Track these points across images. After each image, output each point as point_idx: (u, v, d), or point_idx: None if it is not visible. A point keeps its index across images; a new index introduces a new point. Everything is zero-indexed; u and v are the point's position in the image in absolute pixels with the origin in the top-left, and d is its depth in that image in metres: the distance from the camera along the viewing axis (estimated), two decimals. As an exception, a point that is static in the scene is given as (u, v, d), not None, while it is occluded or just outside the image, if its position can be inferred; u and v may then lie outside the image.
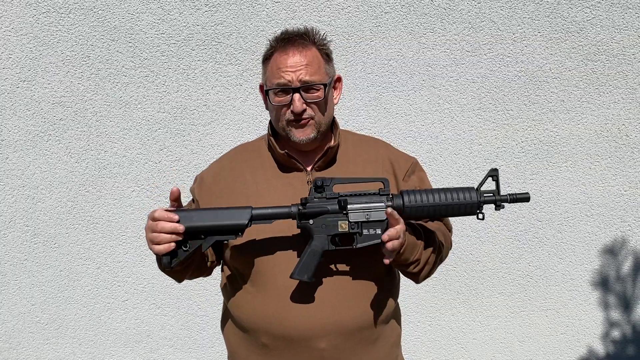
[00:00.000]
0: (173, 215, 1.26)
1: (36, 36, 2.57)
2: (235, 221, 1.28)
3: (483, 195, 1.33)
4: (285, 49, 1.36)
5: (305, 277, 1.29)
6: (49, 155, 2.66)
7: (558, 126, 2.71)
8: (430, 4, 2.61)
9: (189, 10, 2.58)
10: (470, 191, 1.32)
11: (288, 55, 1.35)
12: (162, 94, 2.64)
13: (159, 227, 1.25)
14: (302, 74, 1.35)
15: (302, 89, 1.35)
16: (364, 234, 1.30)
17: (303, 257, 1.30)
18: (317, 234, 1.30)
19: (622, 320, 2.90)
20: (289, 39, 1.38)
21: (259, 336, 1.39)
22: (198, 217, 1.28)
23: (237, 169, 1.47)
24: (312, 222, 1.30)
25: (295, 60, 1.35)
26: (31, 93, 2.61)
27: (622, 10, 2.62)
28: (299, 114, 1.36)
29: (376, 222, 1.29)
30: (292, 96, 1.35)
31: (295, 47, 1.36)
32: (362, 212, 1.29)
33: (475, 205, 1.32)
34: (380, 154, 1.49)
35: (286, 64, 1.35)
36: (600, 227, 2.79)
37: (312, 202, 1.30)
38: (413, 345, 2.89)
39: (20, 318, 2.79)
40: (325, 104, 1.40)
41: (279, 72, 1.36)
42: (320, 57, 1.39)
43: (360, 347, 1.39)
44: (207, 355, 2.87)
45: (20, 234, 2.71)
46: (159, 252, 1.27)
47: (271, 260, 1.37)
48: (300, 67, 1.35)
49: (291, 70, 1.34)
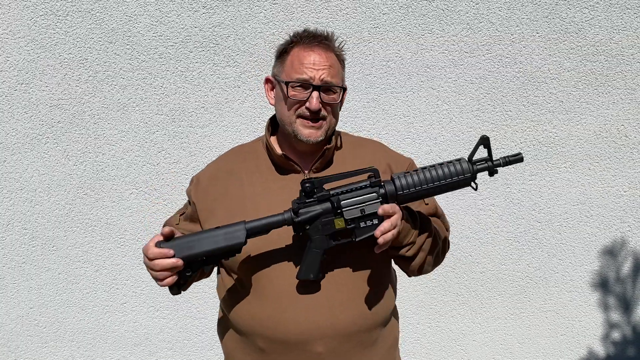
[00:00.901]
0: (167, 250, 1.26)
1: (34, 39, 2.56)
2: (233, 242, 1.28)
3: (476, 164, 1.30)
4: (311, 46, 1.37)
5: (311, 275, 1.29)
6: (46, 157, 2.65)
7: (557, 127, 2.71)
8: (428, 5, 2.61)
9: (187, 12, 2.58)
10: (462, 162, 1.29)
11: (314, 52, 1.36)
12: (160, 96, 2.63)
13: (157, 266, 1.26)
14: (324, 74, 1.35)
15: (321, 89, 1.36)
16: (362, 227, 1.29)
17: (305, 257, 1.30)
18: (315, 236, 1.30)
19: (622, 321, 2.90)
20: (314, 37, 1.39)
21: (256, 340, 1.38)
22: (194, 244, 1.28)
23: (233, 171, 1.46)
24: (308, 227, 1.29)
25: (319, 59, 1.36)
26: (29, 96, 2.60)
27: (621, 11, 2.61)
28: (315, 112, 1.36)
29: (372, 214, 1.28)
30: (311, 93, 1.35)
31: (321, 47, 1.37)
32: (357, 207, 1.28)
33: (469, 176, 1.28)
34: (377, 155, 1.49)
35: (311, 60, 1.35)
36: (600, 228, 2.79)
37: (304, 207, 1.29)
38: (412, 347, 2.88)
39: (19, 321, 2.78)
40: (338, 108, 1.42)
41: (302, 67, 1.35)
42: (338, 62, 1.41)
43: (357, 350, 1.38)
44: (206, 358, 2.86)
45: (18, 236, 2.71)
46: (164, 286, 1.29)
47: (268, 264, 1.36)
48: (324, 67, 1.35)
49: (315, 68, 1.35)
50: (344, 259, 1.36)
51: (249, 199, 1.39)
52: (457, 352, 2.92)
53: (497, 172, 1.31)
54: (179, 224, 1.49)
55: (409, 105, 2.68)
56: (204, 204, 1.44)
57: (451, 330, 2.89)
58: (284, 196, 1.37)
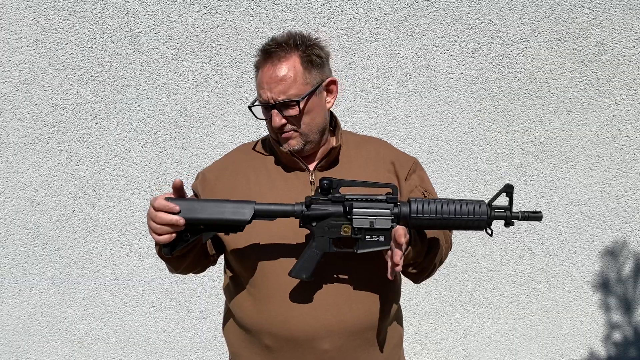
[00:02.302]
0: (174, 205, 1.24)
1: (35, 39, 2.56)
2: (237, 217, 1.26)
3: (494, 211, 1.28)
4: (265, 61, 1.36)
5: (304, 276, 1.28)
6: (48, 157, 2.65)
7: (558, 127, 2.71)
8: (430, 5, 2.61)
9: (189, 12, 2.58)
10: (482, 205, 1.27)
11: (266, 69, 1.35)
12: (161, 96, 2.63)
13: (158, 218, 1.23)
14: (275, 93, 1.34)
15: (278, 106, 1.35)
16: (367, 240, 1.27)
17: (303, 256, 1.29)
18: (318, 236, 1.29)
19: (624, 322, 2.89)
20: (266, 51, 1.37)
21: (262, 338, 1.38)
22: (200, 208, 1.25)
23: (239, 169, 1.47)
24: (314, 224, 1.29)
25: (270, 75, 1.34)
26: (31, 96, 2.60)
27: (622, 11, 2.61)
28: (279, 129, 1.37)
29: (380, 229, 1.26)
30: (271, 112, 1.36)
31: (271, 61, 1.35)
32: (367, 218, 1.26)
33: (485, 220, 1.26)
34: (382, 154, 1.49)
35: (264, 79, 1.35)
36: (601, 229, 2.79)
37: (317, 204, 1.28)
38: (414, 347, 2.88)
39: (20, 321, 2.78)
40: (304, 115, 1.37)
41: (259, 89, 1.38)
42: (299, 65, 1.35)
43: (363, 348, 1.39)
44: (208, 358, 2.86)
45: (20, 236, 2.71)
46: (158, 242, 1.26)
47: (274, 262, 1.36)
48: (275, 83, 1.34)
49: (267, 87, 1.35)
50: (349, 258, 1.36)
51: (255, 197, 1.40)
52: (458, 352, 2.92)
53: (513, 224, 1.29)
54: None
55: (411, 106, 2.68)
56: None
57: (452, 330, 2.89)
58: (290, 193, 1.37)
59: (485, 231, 1.28)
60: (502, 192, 1.26)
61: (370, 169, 1.45)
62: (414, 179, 1.48)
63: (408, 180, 1.46)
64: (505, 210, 1.28)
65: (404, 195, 1.43)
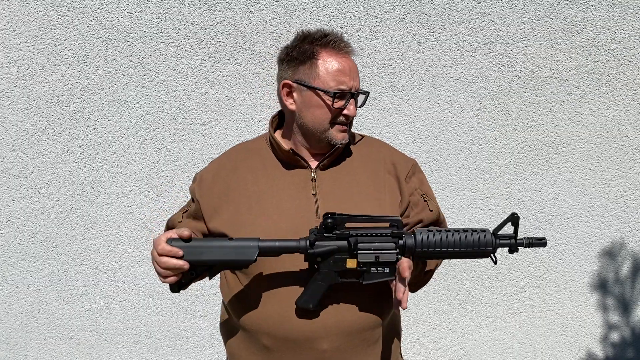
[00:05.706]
0: (177, 250, 1.25)
1: (34, 35, 2.56)
2: (242, 258, 1.28)
3: (499, 240, 1.30)
4: (341, 52, 1.38)
5: (311, 306, 1.30)
6: (46, 154, 2.65)
7: (558, 127, 2.71)
8: (430, 3, 2.60)
9: (188, 9, 2.57)
10: (487, 234, 1.29)
11: (347, 59, 1.38)
12: (160, 93, 2.63)
13: (162, 263, 1.25)
14: (357, 82, 1.39)
15: (355, 96, 1.40)
16: (372, 272, 1.29)
17: (309, 287, 1.30)
18: (324, 269, 1.30)
19: (622, 322, 2.90)
20: (341, 41, 1.39)
21: (260, 337, 1.38)
22: (204, 251, 1.27)
23: (236, 169, 1.46)
24: (319, 259, 1.30)
25: (350, 66, 1.38)
26: (29, 92, 2.60)
27: (623, 11, 2.61)
28: (350, 119, 1.41)
29: (385, 262, 1.28)
30: (349, 101, 1.37)
31: (346, 51, 1.39)
32: (372, 253, 1.28)
33: (490, 250, 1.29)
34: (382, 154, 1.50)
35: (347, 68, 1.37)
36: (600, 229, 2.79)
37: (321, 241, 1.28)
38: (412, 347, 2.88)
39: (18, 318, 2.78)
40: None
41: (341, 76, 1.36)
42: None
43: (361, 348, 1.39)
44: (206, 355, 2.86)
45: (18, 233, 2.70)
46: (165, 283, 1.29)
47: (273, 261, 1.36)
48: (355, 74, 1.38)
49: (352, 75, 1.37)
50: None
51: (254, 197, 1.39)
52: (456, 351, 2.92)
53: (517, 251, 1.31)
54: (181, 221, 1.49)
55: (410, 104, 2.68)
56: (208, 202, 1.43)
57: (451, 329, 2.89)
58: (291, 192, 1.37)
59: (490, 258, 1.31)
60: (507, 221, 1.28)
61: (371, 169, 1.46)
62: (414, 181, 1.49)
63: (408, 182, 1.47)
64: (510, 238, 1.31)
65: (405, 196, 1.45)
